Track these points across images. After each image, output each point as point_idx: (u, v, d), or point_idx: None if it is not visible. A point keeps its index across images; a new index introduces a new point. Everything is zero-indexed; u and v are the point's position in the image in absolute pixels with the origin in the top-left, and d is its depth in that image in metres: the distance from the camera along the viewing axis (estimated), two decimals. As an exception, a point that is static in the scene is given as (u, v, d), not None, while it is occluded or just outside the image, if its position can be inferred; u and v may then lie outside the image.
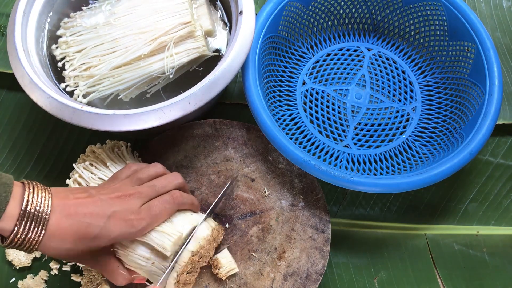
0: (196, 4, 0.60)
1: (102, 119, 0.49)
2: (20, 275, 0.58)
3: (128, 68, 0.55)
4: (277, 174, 0.57)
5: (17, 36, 0.53)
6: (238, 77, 0.68)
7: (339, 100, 0.65)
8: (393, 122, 0.63)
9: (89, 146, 0.55)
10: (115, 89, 0.55)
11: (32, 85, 0.50)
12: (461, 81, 0.61)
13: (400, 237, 0.62)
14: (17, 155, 0.65)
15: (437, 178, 0.52)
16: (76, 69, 0.55)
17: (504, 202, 0.64)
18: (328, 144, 0.62)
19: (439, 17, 0.63)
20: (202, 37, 0.56)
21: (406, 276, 0.59)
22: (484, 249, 0.61)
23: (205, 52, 0.56)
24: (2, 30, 0.70)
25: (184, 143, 0.59)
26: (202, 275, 0.53)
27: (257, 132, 0.59)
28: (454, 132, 0.60)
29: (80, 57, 0.55)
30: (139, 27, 0.55)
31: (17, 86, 0.52)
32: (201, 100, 0.50)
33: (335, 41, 0.69)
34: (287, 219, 0.55)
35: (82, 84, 0.54)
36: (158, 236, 0.44)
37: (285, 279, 0.53)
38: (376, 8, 0.67)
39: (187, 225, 0.47)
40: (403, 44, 0.68)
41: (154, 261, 0.45)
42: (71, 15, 0.59)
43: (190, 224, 0.47)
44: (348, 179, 0.51)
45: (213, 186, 0.57)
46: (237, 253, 0.54)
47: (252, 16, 0.55)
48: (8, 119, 0.66)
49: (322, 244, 0.54)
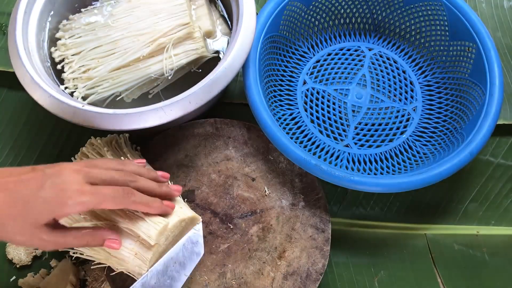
0: (196, 5, 0.60)
1: (103, 118, 0.49)
2: (20, 273, 0.58)
3: (127, 70, 0.55)
4: (277, 174, 0.57)
5: (18, 35, 0.53)
6: (239, 77, 0.68)
7: (340, 100, 0.65)
8: (393, 121, 0.63)
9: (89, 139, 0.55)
10: (114, 91, 0.55)
11: (33, 84, 0.50)
12: (461, 81, 0.61)
13: (400, 237, 0.62)
14: (18, 154, 0.65)
15: (437, 178, 0.52)
16: (75, 71, 0.55)
17: (505, 202, 0.64)
18: (328, 143, 0.62)
19: (440, 17, 0.63)
20: (201, 38, 0.56)
21: (406, 276, 0.59)
22: (484, 249, 0.61)
23: (204, 53, 0.57)
24: (3, 29, 0.71)
25: (184, 142, 0.59)
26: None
27: (257, 132, 0.59)
28: (455, 132, 0.60)
29: (79, 60, 0.55)
30: (138, 29, 0.55)
31: (18, 85, 0.52)
32: (201, 100, 0.50)
33: (336, 41, 0.69)
34: (287, 218, 0.55)
35: (81, 86, 0.54)
36: (144, 224, 0.44)
37: (285, 278, 0.53)
38: (377, 8, 0.67)
39: (174, 217, 0.47)
40: (403, 44, 0.68)
41: (137, 251, 0.45)
42: (69, 17, 0.59)
43: (177, 217, 0.47)
44: (348, 178, 0.52)
45: (214, 185, 0.57)
46: (237, 252, 0.54)
47: (253, 16, 0.55)
48: (9, 118, 0.66)
49: (323, 244, 0.54)
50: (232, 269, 0.53)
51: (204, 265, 0.53)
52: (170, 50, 0.55)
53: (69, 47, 0.56)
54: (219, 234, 0.54)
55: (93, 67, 0.55)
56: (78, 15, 0.59)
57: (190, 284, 0.52)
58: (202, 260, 0.53)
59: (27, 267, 0.59)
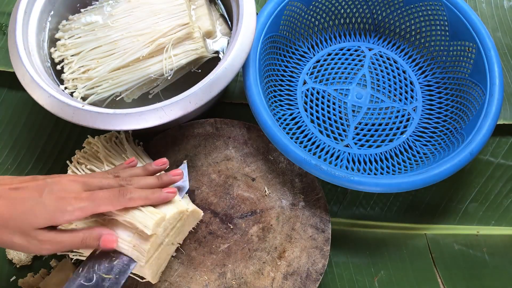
0: (195, 5, 0.60)
1: (103, 118, 0.49)
2: (20, 273, 0.58)
3: (127, 70, 0.55)
4: (277, 174, 0.57)
5: (18, 35, 0.53)
6: (239, 77, 0.68)
7: (340, 100, 0.65)
8: (393, 122, 0.63)
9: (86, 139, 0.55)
10: (114, 91, 0.55)
11: (33, 84, 0.50)
12: (461, 81, 0.61)
13: (400, 237, 0.62)
14: (18, 154, 0.65)
15: (437, 178, 0.52)
16: (75, 71, 0.55)
17: (505, 202, 0.64)
18: (328, 143, 0.62)
19: (440, 17, 0.63)
20: (201, 38, 0.56)
21: (406, 276, 0.59)
22: (484, 249, 0.61)
23: (204, 53, 0.57)
24: (4, 29, 0.71)
25: (184, 142, 0.59)
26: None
27: (257, 132, 0.59)
28: (455, 132, 0.60)
29: (78, 60, 0.55)
30: (137, 29, 0.55)
31: (18, 85, 0.52)
32: (201, 99, 0.50)
33: (336, 41, 0.69)
34: (287, 218, 0.55)
35: (80, 87, 0.54)
36: (141, 215, 0.45)
37: (285, 278, 0.53)
38: (377, 8, 0.67)
39: (171, 209, 0.47)
40: (404, 44, 0.68)
41: (135, 243, 0.45)
42: (69, 17, 0.59)
43: (176, 208, 0.47)
44: (348, 178, 0.52)
45: (214, 185, 0.57)
46: (237, 252, 0.54)
47: (253, 16, 0.55)
48: (9, 118, 0.66)
49: (323, 244, 0.54)
50: (232, 269, 0.53)
51: (204, 265, 0.53)
52: (169, 50, 0.55)
53: (69, 48, 0.56)
54: (219, 234, 0.54)
55: (93, 68, 0.55)
56: (77, 15, 0.59)
57: (190, 284, 0.52)
58: (202, 260, 0.53)
59: (27, 267, 0.59)
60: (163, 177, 0.49)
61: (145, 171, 0.50)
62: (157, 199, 0.46)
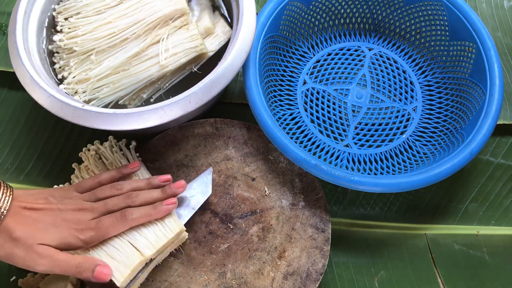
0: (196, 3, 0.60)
1: (103, 118, 0.49)
2: (20, 273, 0.58)
3: (127, 73, 0.54)
4: (277, 174, 0.57)
5: (18, 35, 0.53)
6: (239, 76, 0.68)
7: (340, 100, 0.65)
8: (393, 121, 0.63)
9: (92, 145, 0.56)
10: (115, 96, 0.55)
11: (33, 84, 0.50)
12: (461, 81, 0.61)
13: (400, 237, 0.62)
14: (18, 154, 0.65)
15: (437, 178, 0.52)
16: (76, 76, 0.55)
17: (505, 202, 0.64)
18: (328, 143, 0.62)
19: (440, 17, 0.63)
20: (199, 35, 0.56)
21: (406, 276, 0.59)
22: (484, 249, 0.61)
23: (203, 50, 0.56)
24: (3, 29, 0.71)
25: (184, 142, 0.59)
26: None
27: (257, 132, 0.59)
28: (455, 132, 0.60)
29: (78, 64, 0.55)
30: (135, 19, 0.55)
31: (18, 85, 0.52)
32: (201, 99, 0.50)
33: (336, 41, 0.69)
34: (287, 218, 0.55)
35: (81, 91, 0.54)
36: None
37: (285, 278, 0.53)
38: (377, 8, 0.67)
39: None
40: (404, 44, 0.68)
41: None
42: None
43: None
44: (348, 178, 0.52)
45: (214, 185, 0.57)
46: (237, 252, 0.54)
47: (253, 16, 0.55)
48: (8, 118, 0.66)
49: (323, 244, 0.54)
50: (232, 269, 0.53)
51: (204, 265, 0.53)
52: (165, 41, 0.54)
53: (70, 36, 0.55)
54: (219, 234, 0.54)
55: (93, 68, 0.54)
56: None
57: (190, 284, 0.52)
58: (202, 260, 0.53)
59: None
60: (167, 190, 0.51)
61: (148, 185, 0.52)
62: (158, 214, 0.49)
